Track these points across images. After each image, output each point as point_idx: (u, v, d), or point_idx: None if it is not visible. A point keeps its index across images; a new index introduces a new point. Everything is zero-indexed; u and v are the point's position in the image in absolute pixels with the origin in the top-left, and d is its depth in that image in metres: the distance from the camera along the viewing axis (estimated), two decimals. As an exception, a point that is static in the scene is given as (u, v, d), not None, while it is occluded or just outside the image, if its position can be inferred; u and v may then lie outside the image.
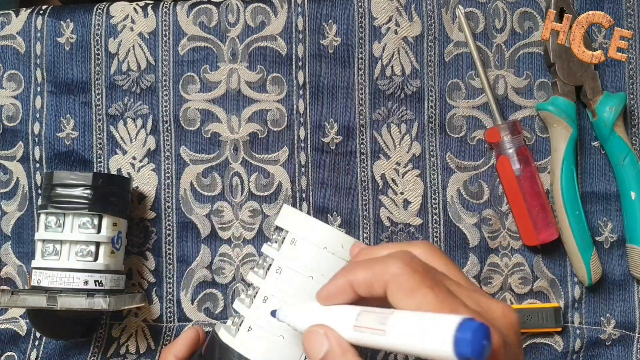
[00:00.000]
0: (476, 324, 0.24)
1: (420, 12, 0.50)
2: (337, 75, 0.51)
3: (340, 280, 0.30)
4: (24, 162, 0.52)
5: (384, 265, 0.28)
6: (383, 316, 0.27)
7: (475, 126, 0.50)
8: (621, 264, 0.49)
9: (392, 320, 0.27)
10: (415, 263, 0.28)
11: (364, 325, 0.28)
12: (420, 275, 0.27)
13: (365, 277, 0.29)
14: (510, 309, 0.29)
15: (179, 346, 0.43)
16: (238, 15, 0.51)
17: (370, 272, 0.29)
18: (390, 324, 0.27)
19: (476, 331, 0.24)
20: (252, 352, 0.37)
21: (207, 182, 0.51)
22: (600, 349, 0.49)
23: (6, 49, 0.52)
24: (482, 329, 0.24)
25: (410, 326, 0.26)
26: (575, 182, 0.48)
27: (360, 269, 0.30)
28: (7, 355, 0.50)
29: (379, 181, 0.50)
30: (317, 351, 0.29)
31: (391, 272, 0.28)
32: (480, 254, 0.49)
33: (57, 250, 0.44)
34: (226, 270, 0.50)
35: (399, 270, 0.28)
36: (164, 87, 0.51)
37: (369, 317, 0.28)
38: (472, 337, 0.24)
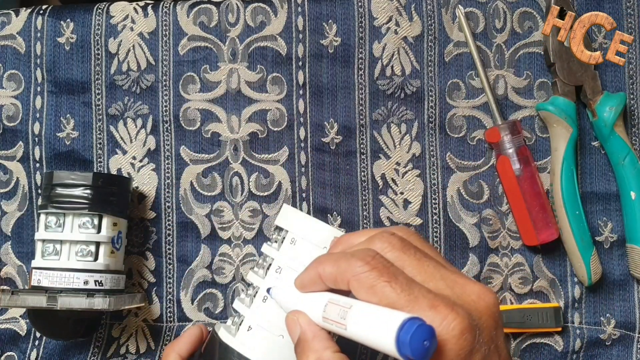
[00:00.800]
0: (415, 326, 0.25)
1: (420, 12, 0.50)
2: (337, 75, 0.51)
3: (312, 271, 0.32)
4: (24, 162, 0.52)
5: (347, 263, 0.30)
6: (344, 310, 0.29)
7: (475, 126, 0.50)
8: (621, 264, 0.49)
9: (351, 315, 0.29)
10: (375, 260, 0.29)
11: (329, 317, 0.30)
12: (379, 271, 0.29)
13: (331, 272, 0.31)
14: (487, 291, 0.30)
15: (182, 344, 0.43)
16: (238, 15, 0.51)
17: (335, 268, 0.30)
18: (349, 319, 0.29)
19: (416, 333, 0.25)
20: (252, 352, 0.37)
21: (207, 182, 0.51)
22: (600, 349, 0.49)
23: (6, 49, 0.52)
24: (422, 330, 0.25)
25: (364, 323, 0.28)
26: (575, 182, 0.48)
27: (328, 264, 0.31)
28: (7, 355, 0.50)
29: (379, 181, 0.50)
30: (293, 335, 0.32)
31: (352, 271, 0.29)
32: (480, 254, 0.49)
33: (57, 250, 0.44)
34: (226, 270, 0.50)
35: (359, 269, 0.29)
36: (164, 87, 0.51)
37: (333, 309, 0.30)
38: (411, 338, 0.25)
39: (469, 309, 0.28)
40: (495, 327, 0.29)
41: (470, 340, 0.27)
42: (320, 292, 0.32)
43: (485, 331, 0.28)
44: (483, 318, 0.29)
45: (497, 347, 0.29)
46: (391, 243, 0.31)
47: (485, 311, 0.29)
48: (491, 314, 0.29)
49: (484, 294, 0.29)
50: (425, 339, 0.25)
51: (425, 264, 0.30)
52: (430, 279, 0.29)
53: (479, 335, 0.28)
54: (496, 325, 0.29)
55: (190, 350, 0.43)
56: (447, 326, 0.27)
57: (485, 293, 0.29)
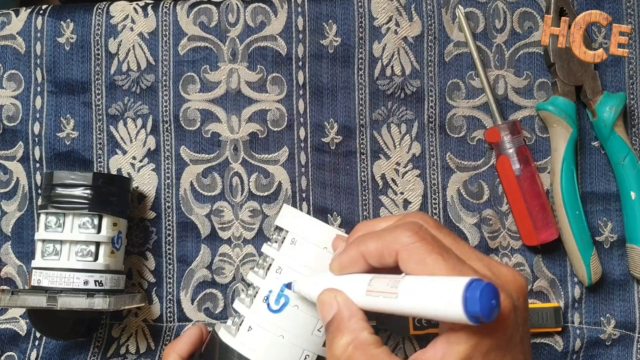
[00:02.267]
0: (484, 284, 0.25)
1: (420, 12, 0.50)
2: (337, 75, 0.51)
3: (352, 251, 0.31)
4: (24, 162, 0.52)
5: (393, 235, 0.29)
6: (395, 280, 0.28)
7: (475, 126, 0.50)
8: (621, 264, 0.49)
9: (404, 284, 0.28)
10: (423, 232, 0.29)
11: (376, 290, 0.29)
12: (429, 243, 0.28)
13: (377, 247, 0.30)
14: (519, 274, 0.30)
15: (182, 344, 0.43)
16: (238, 15, 0.51)
17: (381, 242, 0.30)
18: (402, 287, 0.28)
19: (484, 290, 0.25)
20: (252, 352, 0.37)
21: (207, 182, 0.51)
22: (600, 349, 0.49)
23: (6, 49, 0.52)
24: (490, 288, 0.25)
25: (422, 288, 0.27)
26: (575, 182, 0.48)
27: (371, 240, 0.30)
28: (7, 355, 0.50)
29: (379, 181, 0.50)
30: (327, 313, 0.31)
31: (401, 241, 0.29)
32: (480, 254, 0.49)
33: (57, 250, 0.44)
34: (226, 270, 0.50)
35: (408, 239, 0.29)
36: (164, 87, 0.51)
37: (381, 281, 0.29)
38: (480, 295, 0.25)
39: (508, 289, 0.28)
40: (527, 308, 0.30)
41: (513, 319, 0.27)
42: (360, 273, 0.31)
43: (522, 312, 0.29)
44: (519, 299, 0.29)
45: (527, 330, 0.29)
46: (426, 221, 0.31)
47: (521, 293, 0.29)
48: (524, 296, 0.29)
49: (517, 276, 0.30)
50: (492, 297, 0.25)
51: (461, 244, 0.30)
52: (469, 259, 0.29)
53: (517, 315, 0.28)
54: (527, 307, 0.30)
55: (190, 351, 0.43)
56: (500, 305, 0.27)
57: (519, 276, 0.30)
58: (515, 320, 0.28)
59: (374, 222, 0.34)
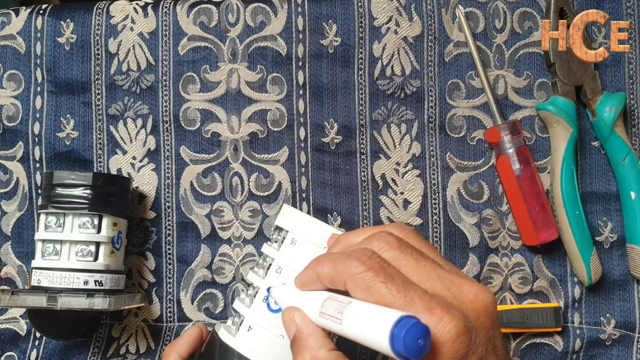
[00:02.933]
0: (411, 323, 0.25)
1: (420, 12, 0.50)
2: (337, 75, 0.51)
3: (310, 271, 0.32)
4: (24, 162, 0.52)
5: (344, 264, 0.30)
6: (342, 306, 0.29)
7: (475, 126, 0.50)
8: (621, 264, 0.49)
9: (348, 311, 0.29)
10: (372, 260, 0.29)
11: (326, 312, 0.30)
12: (375, 271, 0.29)
13: (329, 272, 0.31)
14: (485, 290, 0.29)
15: (182, 344, 0.43)
16: (238, 15, 0.51)
17: (333, 269, 0.31)
18: (346, 314, 0.29)
19: (410, 330, 0.25)
20: (252, 352, 0.37)
21: (207, 182, 0.51)
22: (600, 349, 0.49)
23: (6, 49, 0.52)
24: (417, 328, 0.25)
25: (361, 318, 0.28)
26: (575, 182, 0.48)
27: (326, 264, 0.31)
28: (7, 355, 0.50)
29: (379, 181, 0.50)
30: (289, 332, 0.32)
31: (349, 271, 0.29)
32: (480, 254, 0.49)
33: (57, 250, 0.44)
34: (226, 270, 0.50)
35: (356, 269, 0.29)
36: (164, 87, 0.51)
37: (331, 305, 0.30)
38: (405, 334, 0.25)
39: (466, 310, 0.28)
40: (492, 327, 0.29)
41: (465, 342, 0.27)
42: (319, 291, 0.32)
43: (482, 332, 0.28)
44: (480, 319, 0.28)
45: (494, 348, 0.29)
46: (388, 242, 0.31)
47: (483, 311, 0.29)
48: (488, 314, 0.29)
49: (481, 293, 0.29)
50: (419, 337, 0.25)
51: (422, 263, 0.30)
52: (427, 279, 0.29)
53: (475, 336, 0.28)
54: (493, 325, 0.29)
55: (190, 350, 0.43)
56: (443, 328, 0.27)
57: (483, 293, 0.29)
58: (472, 341, 0.27)
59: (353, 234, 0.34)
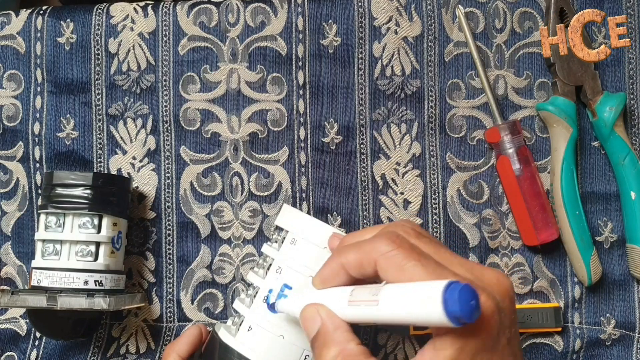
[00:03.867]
0: (462, 285, 0.25)
1: (420, 12, 0.50)
2: (337, 75, 0.51)
3: (333, 263, 0.32)
4: (24, 162, 0.52)
5: (372, 246, 0.30)
6: (376, 289, 0.29)
7: (475, 126, 0.50)
8: (621, 264, 0.49)
9: (385, 291, 0.28)
10: (401, 240, 0.29)
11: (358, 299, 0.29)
12: (407, 250, 0.29)
13: (356, 257, 0.30)
14: (503, 275, 0.30)
15: (181, 344, 0.43)
16: (238, 15, 0.51)
17: (360, 252, 0.30)
18: (382, 295, 0.28)
19: (462, 291, 0.25)
20: (252, 352, 0.37)
21: (207, 182, 0.51)
22: (600, 349, 0.49)
23: (6, 49, 0.52)
24: (468, 289, 0.25)
25: (402, 294, 0.27)
26: (575, 182, 0.48)
27: (351, 251, 0.31)
28: (7, 355, 0.50)
29: (379, 181, 0.50)
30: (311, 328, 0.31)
31: (380, 250, 0.29)
32: (480, 254, 0.49)
33: (57, 250, 0.44)
34: (226, 270, 0.50)
35: (386, 247, 0.29)
36: (164, 87, 0.51)
37: (362, 291, 0.29)
38: (459, 296, 0.25)
39: (491, 291, 0.28)
40: (514, 311, 0.29)
41: (498, 321, 0.27)
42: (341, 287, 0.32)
43: (508, 315, 0.29)
44: (504, 301, 0.29)
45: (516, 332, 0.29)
46: (406, 231, 0.31)
47: (505, 295, 0.29)
48: (510, 297, 0.29)
49: (501, 278, 0.30)
50: (471, 298, 0.25)
51: (442, 250, 0.30)
52: (451, 264, 0.29)
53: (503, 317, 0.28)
54: (514, 309, 0.30)
55: (190, 351, 0.43)
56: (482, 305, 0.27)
57: (503, 277, 0.30)
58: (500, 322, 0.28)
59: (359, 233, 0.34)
